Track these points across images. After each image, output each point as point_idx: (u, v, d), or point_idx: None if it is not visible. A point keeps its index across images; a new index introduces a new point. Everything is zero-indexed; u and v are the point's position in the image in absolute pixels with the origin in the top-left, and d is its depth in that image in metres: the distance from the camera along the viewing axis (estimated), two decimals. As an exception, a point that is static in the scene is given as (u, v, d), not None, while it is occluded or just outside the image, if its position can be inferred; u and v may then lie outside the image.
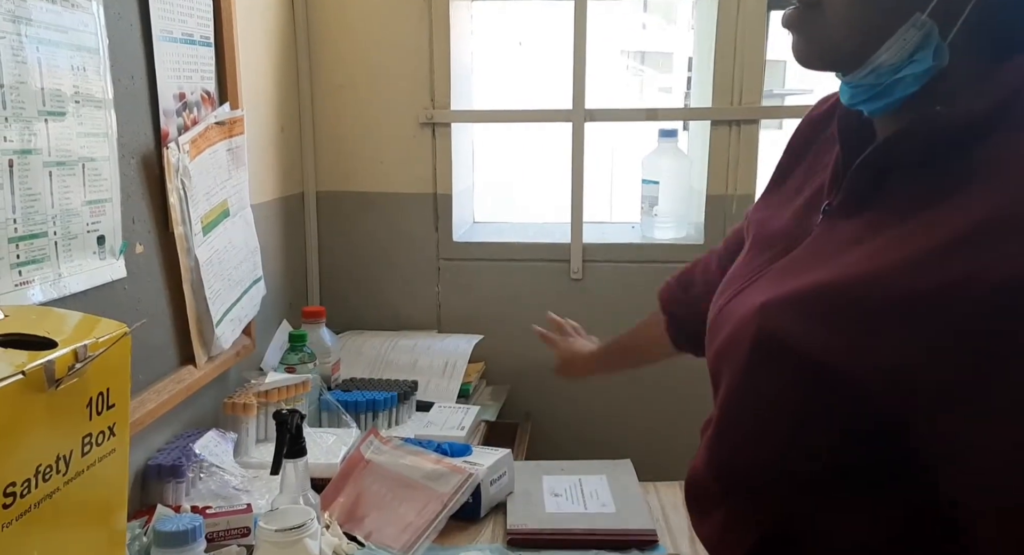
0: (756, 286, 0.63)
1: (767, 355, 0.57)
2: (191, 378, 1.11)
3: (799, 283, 0.56)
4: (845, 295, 0.52)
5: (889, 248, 0.51)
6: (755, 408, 0.59)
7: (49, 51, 0.81)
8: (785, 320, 0.55)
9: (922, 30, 0.51)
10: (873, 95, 0.55)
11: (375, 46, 1.62)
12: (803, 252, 0.60)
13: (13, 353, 0.56)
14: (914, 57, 0.52)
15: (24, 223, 0.78)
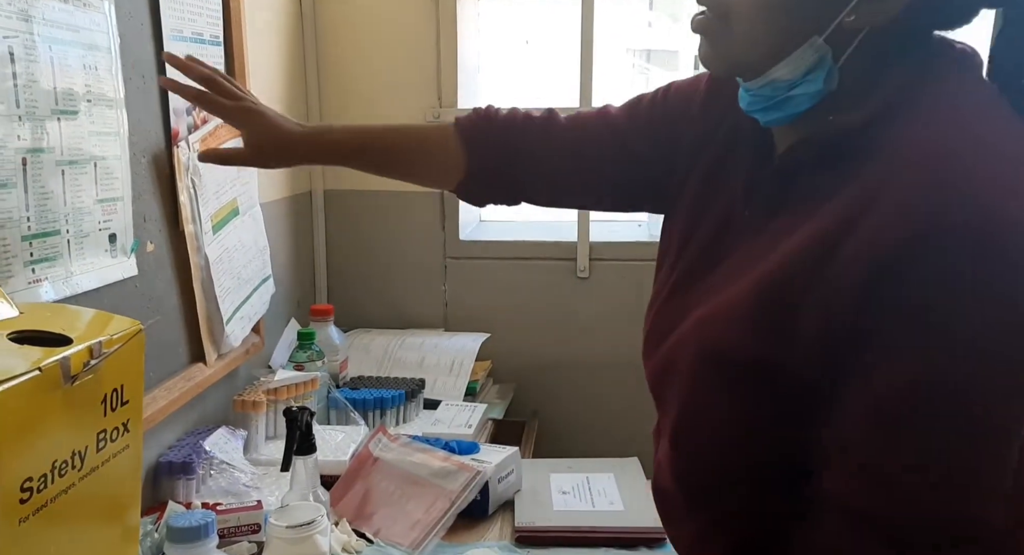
0: (687, 298, 0.66)
1: (711, 366, 0.60)
2: (201, 376, 1.11)
3: (729, 293, 0.60)
4: (766, 295, 0.56)
5: (796, 245, 0.56)
6: (708, 419, 0.61)
7: (61, 50, 0.81)
8: (721, 330, 0.59)
9: (818, 52, 0.56)
10: (768, 106, 0.60)
11: (382, 45, 1.63)
12: (728, 262, 0.64)
13: (29, 350, 0.56)
14: (808, 76, 0.57)
15: (37, 221, 0.79)
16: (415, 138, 0.87)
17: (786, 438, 0.57)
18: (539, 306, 1.70)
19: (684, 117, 0.73)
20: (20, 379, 0.52)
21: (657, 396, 0.70)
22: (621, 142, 0.77)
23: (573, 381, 1.71)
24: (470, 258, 1.71)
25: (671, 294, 0.69)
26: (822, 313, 0.53)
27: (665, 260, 0.73)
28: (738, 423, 0.59)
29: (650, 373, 0.70)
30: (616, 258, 1.67)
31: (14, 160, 0.75)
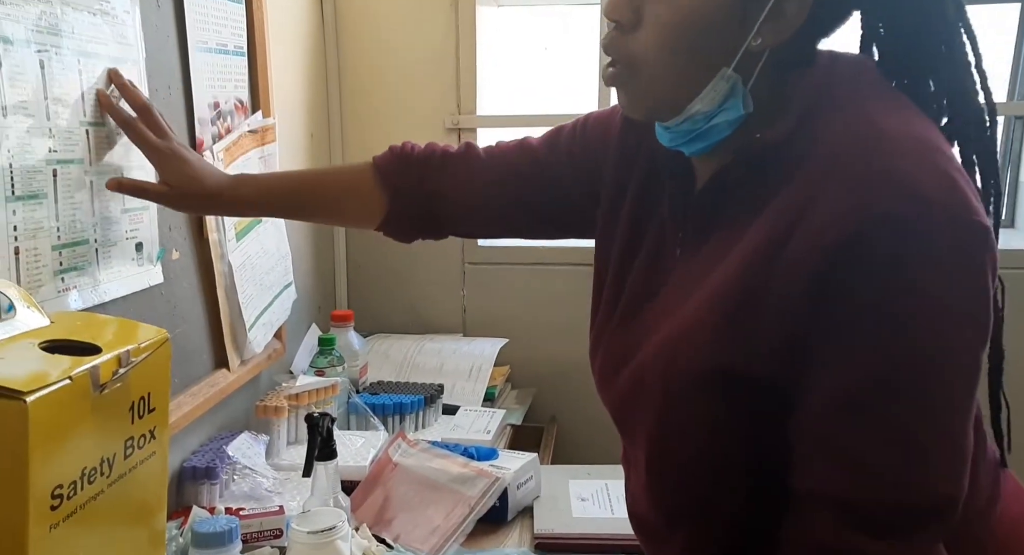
0: (637, 324, 0.67)
1: (679, 387, 0.60)
2: (224, 381, 1.13)
3: (683, 313, 0.61)
4: (720, 309, 0.58)
5: (740, 257, 0.58)
6: (682, 441, 0.62)
7: (90, 63, 0.83)
8: (683, 350, 0.60)
9: (729, 82, 0.59)
10: (690, 139, 0.62)
11: (403, 53, 1.64)
12: (671, 284, 0.66)
13: (60, 359, 0.58)
14: (724, 105, 0.59)
15: (66, 231, 0.80)
16: (333, 183, 0.89)
17: (761, 446, 0.59)
18: (557, 311, 1.70)
19: (603, 147, 0.76)
20: (51, 388, 0.53)
21: (622, 426, 0.71)
22: (542, 173, 0.80)
23: (591, 387, 1.70)
24: (489, 263, 1.72)
25: (620, 322, 0.71)
26: (775, 317, 0.55)
27: (603, 287, 0.74)
28: (713, 440, 0.61)
29: (611, 403, 0.71)
30: (635, 264, 1.66)
31: (45, 171, 0.77)
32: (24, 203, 0.74)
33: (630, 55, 0.60)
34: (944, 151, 0.56)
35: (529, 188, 0.80)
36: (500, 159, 0.82)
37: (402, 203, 0.84)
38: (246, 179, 0.90)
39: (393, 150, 0.86)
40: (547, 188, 0.79)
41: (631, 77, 0.61)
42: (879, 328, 0.52)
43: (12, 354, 0.56)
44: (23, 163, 0.74)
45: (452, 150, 0.85)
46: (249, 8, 1.19)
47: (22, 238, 0.74)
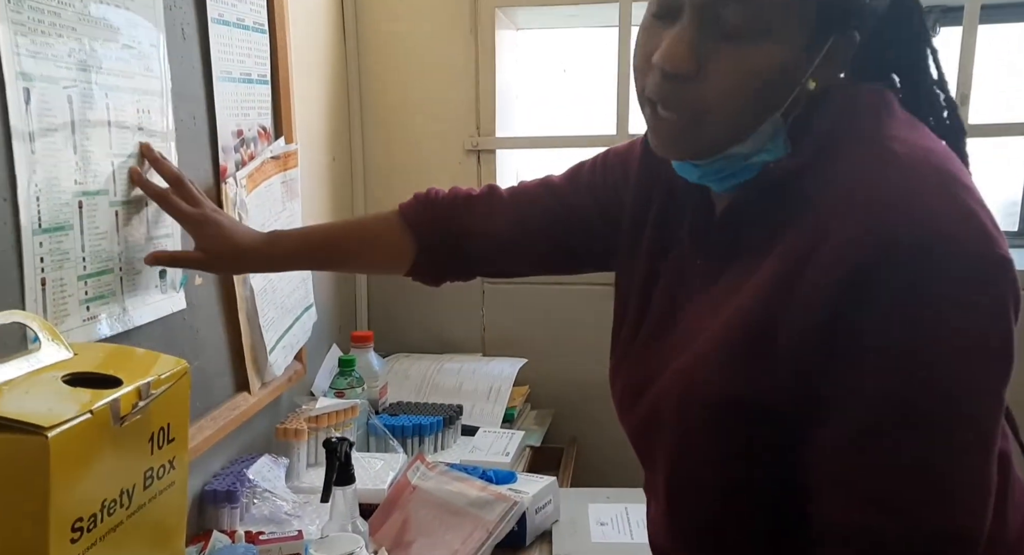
0: (656, 351, 0.68)
1: (697, 416, 0.61)
2: (245, 404, 1.14)
3: (701, 341, 0.61)
4: (737, 338, 0.58)
5: (756, 287, 0.58)
6: (702, 471, 0.63)
7: (117, 96, 0.85)
8: (701, 378, 0.60)
9: (774, 125, 0.60)
10: (723, 177, 0.63)
11: (423, 76, 1.66)
12: (690, 312, 0.66)
13: (80, 392, 0.59)
14: (766, 146, 0.60)
15: (92, 261, 0.82)
16: (361, 233, 0.92)
17: (780, 475, 0.59)
18: (577, 331, 1.70)
19: (623, 180, 0.77)
20: (72, 423, 0.54)
21: (642, 453, 0.72)
22: (565, 209, 0.81)
23: (611, 407, 1.69)
24: (508, 283, 1.72)
25: (640, 349, 0.71)
26: (790, 348, 0.55)
27: (624, 314, 0.75)
28: (730, 469, 0.61)
29: (631, 430, 0.72)
30: (655, 284, 1.66)
31: (71, 204, 0.79)
32: (50, 235, 0.76)
33: (694, 104, 0.58)
34: (964, 183, 0.55)
35: (554, 224, 0.82)
36: (524, 198, 0.85)
37: (429, 248, 0.86)
38: (278, 236, 0.93)
39: (418, 197, 0.89)
40: (572, 224, 0.81)
41: (696, 125, 0.59)
42: (893, 361, 0.52)
43: (35, 388, 0.58)
44: (50, 196, 0.76)
45: (476, 192, 0.88)
46: (273, 37, 1.21)
47: (48, 269, 0.76)
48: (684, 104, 0.59)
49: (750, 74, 0.57)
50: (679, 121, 0.60)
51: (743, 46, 0.56)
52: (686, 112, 0.59)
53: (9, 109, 0.71)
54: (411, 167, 1.70)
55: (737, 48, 0.56)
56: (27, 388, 0.57)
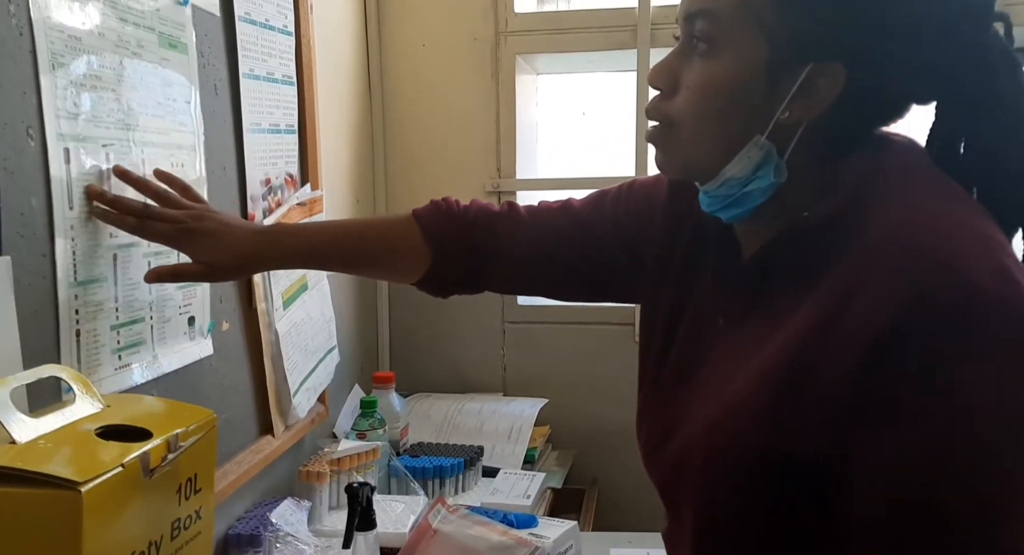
0: (681, 397, 0.67)
1: (727, 467, 0.60)
2: (269, 448, 1.16)
3: (731, 391, 0.61)
4: (769, 390, 0.58)
5: (788, 338, 0.58)
6: (732, 522, 0.62)
7: (152, 151, 0.89)
8: (731, 429, 0.60)
9: (763, 150, 0.60)
10: (727, 204, 0.63)
11: (445, 120, 1.70)
12: (715, 357, 0.66)
13: (112, 445, 0.60)
14: (758, 173, 0.61)
15: (124, 311, 0.85)
16: (375, 240, 0.87)
17: (813, 525, 0.58)
18: (597, 371, 1.70)
19: (648, 213, 0.77)
20: (104, 477, 0.56)
21: (668, 501, 0.71)
22: (584, 235, 0.81)
23: (633, 448, 1.67)
24: (528, 322, 1.73)
25: (664, 391, 0.71)
26: (821, 403, 0.55)
27: (649, 355, 0.74)
28: (761, 522, 0.60)
29: (657, 478, 0.71)
30: (675, 325, 1.66)
31: (106, 257, 0.82)
32: (85, 287, 0.79)
33: (668, 116, 0.63)
34: (1001, 242, 0.55)
35: (571, 249, 0.81)
36: (543, 219, 0.83)
37: (446, 260, 0.84)
38: (281, 233, 0.87)
39: (437, 206, 0.86)
40: (589, 250, 0.80)
41: (668, 136, 0.64)
42: (925, 422, 0.51)
43: (69, 442, 0.60)
44: (86, 250, 0.79)
45: (496, 209, 0.86)
46: (301, 88, 1.25)
47: (83, 320, 0.78)
48: (659, 115, 0.64)
49: (708, 86, 0.60)
50: (656, 132, 0.65)
51: (707, 60, 0.60)
52: (662, 123, 0.64)
53: (50, 168, 0.74)
54: (431, 199, 1.72)
55: (702, 62, 0.60)
56: (61, 442, 0.59)
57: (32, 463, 0.54)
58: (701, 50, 0.60)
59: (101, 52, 0.80)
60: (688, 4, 0.62)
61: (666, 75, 0.63)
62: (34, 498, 0.53)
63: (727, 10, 0.59)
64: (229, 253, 0.81)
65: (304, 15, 1.26)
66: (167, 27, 0.91)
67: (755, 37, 0.58)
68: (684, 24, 0.62)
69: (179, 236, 0.81)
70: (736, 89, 0.59)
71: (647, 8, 1.57)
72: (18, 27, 0.70)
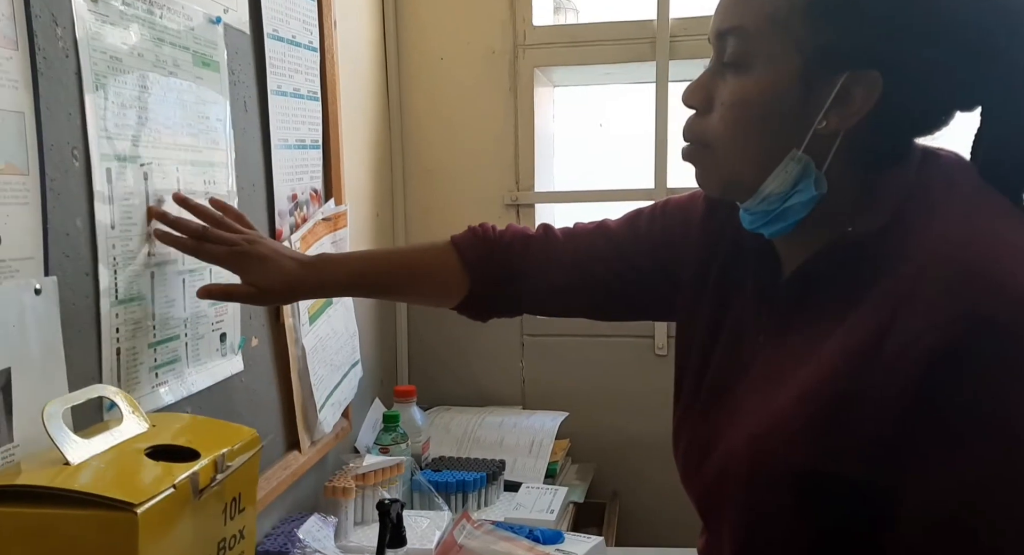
0: (721, 412, 0.67)
1: (770, 483, 0.60)
2: (296, 463, 1.16)
3: (774, 406, 0.61)
4: (814, 406, 0.57)
5: (834, 353, 0.57)
6: (774, 539, 0.61)
7: (187, 170, 0.89)
8: (775, 445, 0.60)
9: (800, 163, 0.60)
10: (768, 220, 0.63)
11: (464, 133, 1.70)
12: (755, 372, 0.66)
13: (162, 466, 0.61)
14: (797, 187, 0.60)
15: (161, 328, 0.85)
16: (414, 266, 0.90)
17: (856, 542, 0.58)
18: (616, 384, 1.70)
19: (684, 231, 0.77)
20: (158, 498, 0.56)
21: (706, 516, 0.70)
22: (621, 255, 0.81)
23: (653, 461, 1.68)
24: (547, 335, 1.73)
25: (703, 406, 0.71)
26: (870, 421, 0.54)
27: (686, 370, 0.74)
28: (805, 537, 0.60)
29: (696, 494, 0.71)
30: (695, 337, 1.66)
31: (144, 275, 0.82)
32: (125, 306, 0.79)
33: (703, 135, 0.64)
34: None
35: (609, 270, 0.81)
36: (580, 241, 0.84)
37: (484, 284, 0.85)
38: (328, 262, 0.90)
39: (475, 232, 0.88)
40: (626, 270, 0.81)
41: (705, 154, 0.64)
42: (976, 446, 0.51)
43: (120, 462, 0.60)
44: (126, 269, 0.79)
45: (532, 232, 0.87)
46: (325, 104, 1.26)
47: (124, 339, 0.79)
48: (695, 134, 0.65)
49: (742, 102, 0.60)
50: (693, 151, 0.65)
51: (739, 76, 0.60)
52: (697, 142, 0.65)
53: (94, 188, 0.74)
54: (451, 221, 1.72)
55: (735, 78, 0.61)
56: (113, 462, 0.59)
57: (88, 485, 0.54)
58: (733, 67, 0.61)
59: (140, 72, 0.81)
60: (718, 22, 0.62)
61: (700, 94, 0.63)
62: (91, 520, 0.53)
63: (757, 25, 0.59)
64: (279, 278, 0.84)
65: (328, 31, 1.27)
66: (201, 46, 0.92)
67: (787, 50, 0.58)
68: (715, 42, 0.63)
69: (234, 258, 0.84)
70: (770, 103, 0.59)
71: (666, 20, 1.57)
72: (64, 49, 0.70)
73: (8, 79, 0.63)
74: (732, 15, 0.61)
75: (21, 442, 0.64)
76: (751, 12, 0.59)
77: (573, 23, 1.87)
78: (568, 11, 2.19)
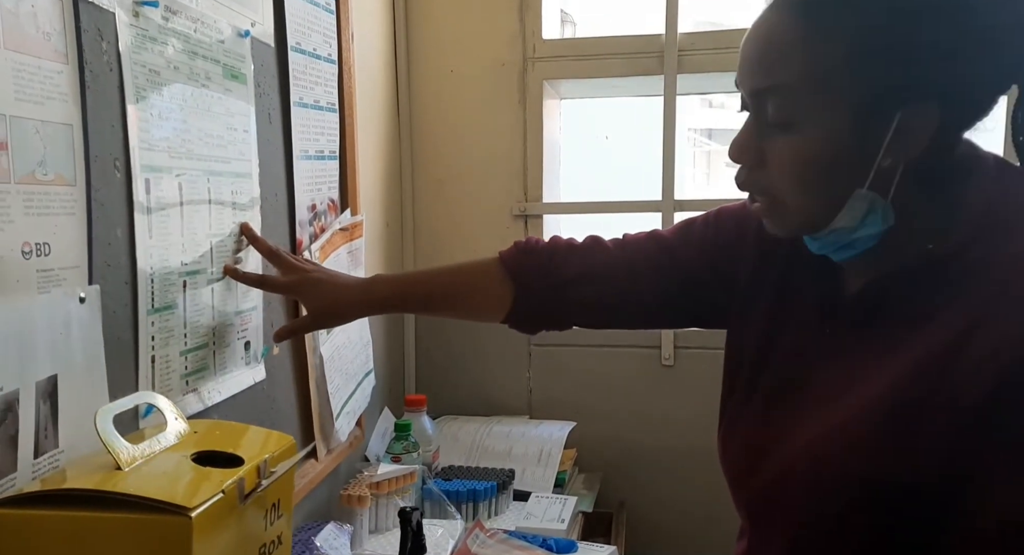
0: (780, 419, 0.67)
1: (833, 491, 0.61)
2: (313, 472, 1.16)
3: (838, 416, 0.61)
4: (882, 418, 0.58)
5: (905, 367, 0.58)
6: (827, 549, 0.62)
7: (216, 180, 0.91)
8: (839, 454, 0.60)
9: (867, 200, 0.60)
10: (838, 249, 0.64)
11: (473, 144, 1.72)
12: (817, 381, 0.66)
13: (210, 471, 0.62)
14: (865, 221, 0.61)
15: (192, 336, 0.86)
16: (460, 279, 0.91)
17: (912, 551, 0.58)
18: (624, 394, 1.71)
19: (740, 237, 0.77)
20: (209, 502, 0.57)
21: (756, 520, 0.70)
22: (676, 263, 0.81)
23: (660, 470, 1.70)
24: (554, 345, 1.74)
25: (760, 412, 0.71)
26: (940, 432, 0.56)
27: (737, 378, 0.74)
28: (861, 543, 0.60)
29: (747, 499, 0.71)
30: (701, 346, 1.68)
31: (177, 284, 0.83)
32: (160, 314, 0.80)
33: (768, 191, 0.64)
34: None
35: (663, 278, 0.81)
36: (632, 250, 0.84)
37: (528, 294, 0.85)
38: (380, 283, 0.95)
39: (518, 244, 0.89)
40: (681, 278, 0.80)
41: (774, 208, 0.64)
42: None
43: (170, 467, 0.61)
44: (162, 277, 0.80)
45: (578, 242, 0.87)
46: (342, 115, 1.28)
47: (158, 347, 0.80)
48: (761, 190, 0.65)
49: (801, 163, 0.60)
50: (764, 205, 0.65)
51: (791, 135, 0.60)
52: (765, 198, 0.65)
53: (134, 198, 0.75)
54: (460, 231, 1.75)
55: (787, 138, 0.60)
56: (162, 467, 0.60)
57: (141, 489, 0.55)
58: (780, 127, 0.60)
59: (176, 84, 0.82)
60: (751, 81, 0.61)
61: (749, 153, 0.63)
62: (146, 523, 0.54)
63: (796, 84, 0.58)
64: (338, 303, 0.90)
65: (346, 44, 1.29)
66: (230, 58, 0.93)
67: (834, 104, 0.58)
68: (752, 101, 0.62)
69: (295, 288, 0.92)
70: (829, 156, 0.59)
71: (674, 34, 1.60)
72: (108, 63, 0.72)
73: (59, 92, 0.65)
74: (767, 74, 0.60)
75: (66, 448, 0.65)
76: (788, 71, 0.58)
77: (583, 37, 1.89)
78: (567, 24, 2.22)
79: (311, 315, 0.92)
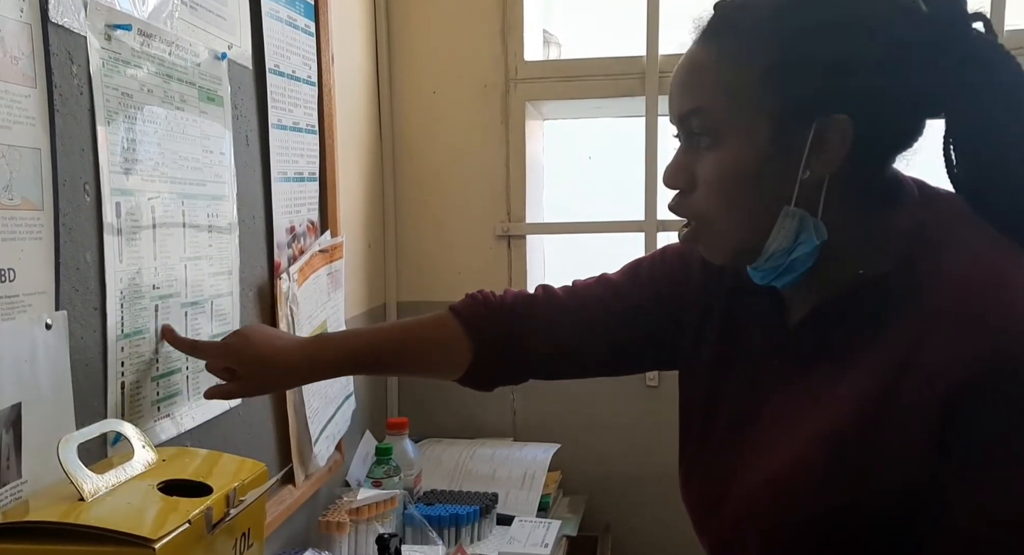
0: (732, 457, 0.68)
1: (794, 528, 0.61)
2: (291, 498, 1.14)
3: (790, 451, 0.62)
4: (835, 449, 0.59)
5: (851, 396, 0.59)
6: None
7: (192, 203, 0.90)
8: (796, 490, 0.60)
9: (795, 218, 0.61)
10: (778, 274, 0.64)
11: (455, 166, 1.72)
12: (767, 416, 0.66)
13: (177, 501, 0.60)
14: (799, 239, 0.61)
15: (163, 362, 0.85)
16: (415, 338, 0.87)
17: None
18: (608, 415, 1.70)
19: (685, 274, 0.77)
20: (175, 533, 0.56)
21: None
22: (627, 307, 0.80)
23: (646, 492, 1.68)
24: (538, 366, 1.73)
25: (715, 450, 0.71)
26: (892, 461, 0.56)
27: (692, 418, 0.74)
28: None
29: (712, 539, 0.70)
30: (685, 367, 1.67)
31: (149, 308, 0.82)
32: (130, 339, 0.79)
33: (696, 214, 0.64)
34: None
35: (616, 323, 0.80)
36: (584, 297, 0.83)
37: (488, 350, 0.83)
38: (320, 348, 0.87)
39: (474, 297, 0.85)
40: (634, 322, 0.80)
41: (703, 231, 0.65)
42: (1004, 480, 0.53)
43: (134, 497, 0.59)
44: (132, 302, 0.79)
45: (533, 294, 0.85)
46: (322, 137, 1.28)
47: (128, 373, 0.78)
48: (693, 214, 0.65)
49: (728, 178, 0.61)
50: (694, 230, 0.66)
51: (714, 151, 0.61)
52: (695, 219, 0.65)
53: (104, 222, 0.74)
54: (443, 252, 1.74)
55: (712, 153, 0.61)
56: (127, 497, 0.59)
57: (104, 520, 0.54)
58: (705, 144, 0.62)
59: (149, 107, 0.82)
60: (677, 107, 0.64)
61: (681, 175, 0.64)
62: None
63: (716, 102, 0.60)
64: (276, 363, 0.83)
65: (326, 66, 1.29)
66: (206, 81, 0.93)
67: (752, 117, 0.60)
68: (680, 126, 0.64)
69: (227, 348, 0.83)
70: (750, 169, 0.60)
71: (655, 56, 1.62)
72: (79, 87, 0.71)
73: (26, 116, 0.64)
74: (688, 98, 0.62)
75: (29, 478, 0.63)
76: (706, 91, 0.61)
77: (565, 58, 1.91)
78: (552, 45, 2.23)
79: (241, 381, 0.82)
